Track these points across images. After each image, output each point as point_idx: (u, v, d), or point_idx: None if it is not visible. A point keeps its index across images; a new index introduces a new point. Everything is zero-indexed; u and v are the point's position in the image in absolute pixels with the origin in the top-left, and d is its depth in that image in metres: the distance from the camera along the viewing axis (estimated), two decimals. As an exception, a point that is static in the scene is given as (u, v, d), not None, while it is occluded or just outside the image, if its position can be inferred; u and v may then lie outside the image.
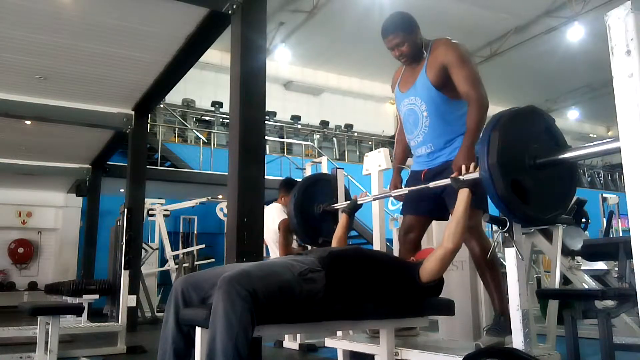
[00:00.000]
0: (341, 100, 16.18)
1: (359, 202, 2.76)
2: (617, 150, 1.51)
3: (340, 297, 1.99)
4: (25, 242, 10.65)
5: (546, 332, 3.55)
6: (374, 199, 2.86)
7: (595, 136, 21.39)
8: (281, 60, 13.96)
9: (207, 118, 13.14)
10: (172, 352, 1.91)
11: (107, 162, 8.55)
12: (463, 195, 2.09)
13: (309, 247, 3.83)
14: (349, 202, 2.76)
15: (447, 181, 2.17)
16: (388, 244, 3.42)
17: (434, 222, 2.87)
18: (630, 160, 1.23)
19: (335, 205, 2.84)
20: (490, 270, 2.39)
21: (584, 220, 4.99)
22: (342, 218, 2.75)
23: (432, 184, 2.34)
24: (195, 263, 7.76)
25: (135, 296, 5.59)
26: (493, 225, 2.06)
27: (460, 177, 2.11)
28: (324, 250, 2.15)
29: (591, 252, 3.77)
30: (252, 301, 1.70)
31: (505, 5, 11.62)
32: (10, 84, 5.56)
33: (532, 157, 1.83)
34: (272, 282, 1.80)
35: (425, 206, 2.57)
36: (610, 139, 1.61)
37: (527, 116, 1.94)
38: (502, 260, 3.40)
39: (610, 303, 2.97)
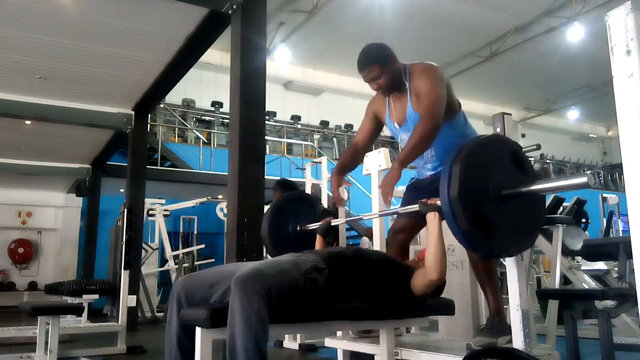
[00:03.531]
0: (341, 100, 16.18)
1: (332, 224, 2.65)
2: (584, 186, 1.57)
3: (341, 293, 2.00)
4: (25, 242, 10.65)
5: (546, 332, 3.55)
6: (346, 221, 2.77)
7: (595, 136, 21.42)
8: (281, 60, 13.96)
9: (207, 118, 13.14)
10: (178, 348, 1.94)
11: (107, 162, 8.55)
12: (431, 219, 1.98)
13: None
14: (322, 223, 2.64)
15: (415, 207, 2.07)
16: (388, 244, 3.42)
17: None
18: (630, 160, 1.23)
19: (310, 225, 2.74)
20: (486, 271, 2.40)
21: (584, 220, 4.99)
22: (318, 239, 2.67)
23: (400, 210, 2.29)
24: (195, 263, 7.77)
25: (135, 296, 5.60)
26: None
27: (428, 202, 2.00)
28: (324, 251, 2.16)
29: (591, 252, 3.76)
30: (267, 299, 1.73)
31: (505, 5, 11.63)
32: (10, 84, 5.56)
33: (496, 188, 1.73)
34: (283, 281, 1.83)
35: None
36: (577, 175, 1.61)
37: (491, 145, 1.85)
38: (502, 260, 3.41)
39: (610, 303, 2.97)
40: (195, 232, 11.39)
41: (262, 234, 2.79)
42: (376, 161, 3.12)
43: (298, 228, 2.76)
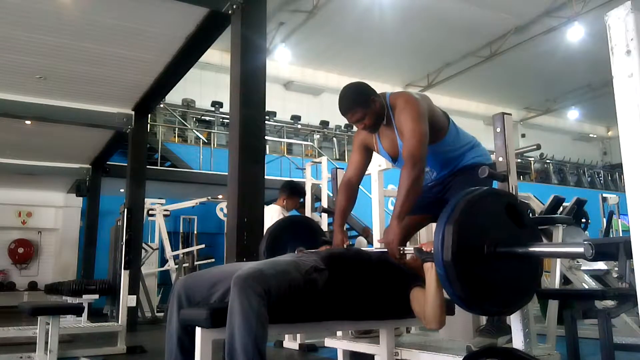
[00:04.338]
0: (341, 100, 16.14)
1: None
2: (580, 256, 1.59)
3: (341, 293, 2.00)
4: (25, 242, 10.65)
5: (546, 332, 3.55)
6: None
7: (595, 136, 21.41)
8: (281, 60, 13.95)
9: (207, 118, 13.13)
10: (179, 348, 1.94)
11: (107, 162, 8.55)
12: (428, 269, 1.92)
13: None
14: (320, 251, 2.59)
15: (410, 249, 2.06)
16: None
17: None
18: (630, 160, 1.23)
19: (308, 251, 2.74)
20: None
21: (584, 220, 4.99)
22: None
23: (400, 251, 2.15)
24: (195, 263, 7.76)
25: (135, 296, 5.59)
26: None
27: (425, 249, 1.95)
28: (325, 251, 2.16)
29: (591, 252, 3.75)
30: (267, 299, 1.73)
31: (505, 5, 11.63)
32: (10, 84, 5.56)
33: (492, 245, 1.69)
34: (283, 281, 1.83)
35: (425, 210, 2.54)
36: (575, 244, 1.59)
37: (485, 200, 1.79)
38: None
39: (610, 303, 2.97)
40: (195, 232, 11.38)
41: (260, 256, 2.76)
42: (376, 161, 3.12)
43: (296, 252, 2.74)
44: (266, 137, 6.68)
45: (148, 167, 7.19)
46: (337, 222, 2.51)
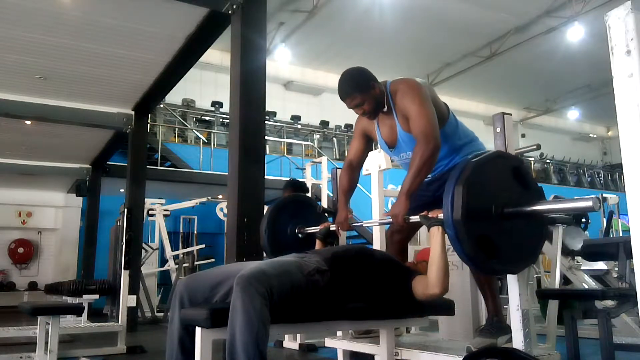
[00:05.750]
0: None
1: (331, 229, 2.60)
2: (589, 209, 1.60)
3: (343, 293, 2.00)
4: (25, 242, 10.65)
5: (546, 332, 3.55)
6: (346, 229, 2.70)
7: (595, 136, 21.41)
8: (281, 60, 13.95)
9: (207, 118, 13.13)
10: (179, 348, 1.95)
11: (107, 162, 8.55)
12: (434, 233, 1.97)
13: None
14: (321, 228, 2.61)
15: (416, 218, 2.07)
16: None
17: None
18: (630, 160, 1.23)
19: (309, 229, 2.71)
20: None
21: (584, 220, 4.99)
22: (317, 244, 2.65)
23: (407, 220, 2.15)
24: (195, 263, 7.76)
25: (135, 296, 5.59)
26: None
27: (430, 215, 1.99)
28: (327, 251, 2.16)
29: (591, 252, 3.77)
30: (269, 299, 1.73)
31: (505, 5, 11.63)
32: (10, 84, 5.56)
33: (499, 207, 1.75)
34: (285, 282, 1.84)
35: (425, 210, 2.54)
36: (583, 199, 1.62)
37: (492, 163, 1.85)
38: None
39: (610, 303, 2.97)
40: (195, 232, 11.38)
41: (261, 235, 2.77)
42: (376, 161, 3.12)
43: (297, 230, 2.75)
44: (266, 137, 6.69)
45: (148, 167, 7.18)
46: (340, 200, 2.56)
